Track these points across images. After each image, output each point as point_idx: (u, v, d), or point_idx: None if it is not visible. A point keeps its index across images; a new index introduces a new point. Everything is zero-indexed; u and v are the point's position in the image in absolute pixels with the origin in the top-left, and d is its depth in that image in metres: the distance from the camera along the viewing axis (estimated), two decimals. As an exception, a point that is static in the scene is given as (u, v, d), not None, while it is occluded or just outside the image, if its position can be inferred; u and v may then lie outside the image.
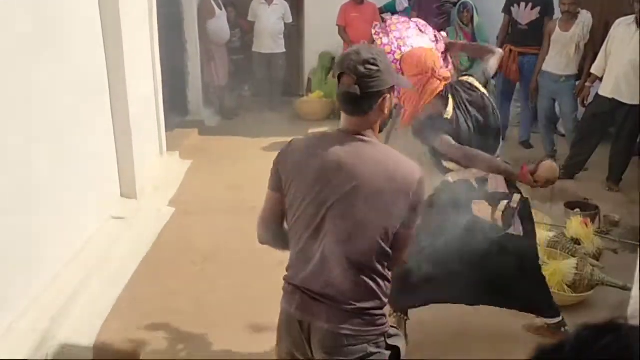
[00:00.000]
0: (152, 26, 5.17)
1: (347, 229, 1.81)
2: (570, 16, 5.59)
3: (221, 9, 7.36)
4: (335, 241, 1.82)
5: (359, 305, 1.83)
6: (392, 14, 7.59)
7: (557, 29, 5.68)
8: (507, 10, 6.44)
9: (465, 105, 2.84)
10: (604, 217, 4.65)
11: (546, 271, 3.54)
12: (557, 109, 6.24)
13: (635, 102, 5.00)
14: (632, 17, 5.03)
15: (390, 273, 1.91)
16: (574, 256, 3.74)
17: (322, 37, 7.79)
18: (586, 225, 4.04)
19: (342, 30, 7.30)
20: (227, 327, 3.38)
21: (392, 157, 1.87)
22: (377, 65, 1.79)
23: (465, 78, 2.94)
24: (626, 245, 4.25)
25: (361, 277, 1.82)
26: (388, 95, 1.86)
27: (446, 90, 2.86)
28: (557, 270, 3.53)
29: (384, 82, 1.82)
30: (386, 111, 1.88)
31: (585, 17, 5.59)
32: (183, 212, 4.90)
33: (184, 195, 5.27)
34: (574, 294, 3.50)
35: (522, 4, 6.29)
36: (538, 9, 6.21)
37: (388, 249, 1.84)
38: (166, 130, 5.76)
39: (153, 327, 3.37)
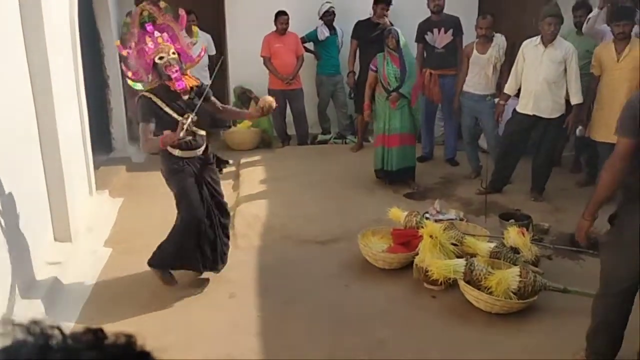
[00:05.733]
0: (76, 64, 5.02)
1: None
2: (487, 39, 5.92)
3: (143, 44, 7.23)
4: None
5: None
6: (314, 43, 7.77)
7: (475, 51, 5.99)
8: (420, 39, 6.76)
9: None
10: (534, 225, 4.89)
11: (492, 280, 3.69)
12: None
13: (554, 116, 5.34)
14: (537, 38, 5.37)
15: None
16: (515, 264, 3.91)
17: (246, 69, 7.81)
18: (523, 234, 4.23)
19: (268, 61, 7.37)
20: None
21: None
22: None
23: None
24: (559, 251, 4.49)
25: None
26: None
27: None
28: (503, 279, 3.67)
29: None
30: None
31: (500, 40, 5.94)
32: (120, 252, 4.71)
33: (119, 235, 5.07)
34: (520, 301, 3.66)
35: (435, 30, 6.62)
36: (451, 31, 6.57)
37: None
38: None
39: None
